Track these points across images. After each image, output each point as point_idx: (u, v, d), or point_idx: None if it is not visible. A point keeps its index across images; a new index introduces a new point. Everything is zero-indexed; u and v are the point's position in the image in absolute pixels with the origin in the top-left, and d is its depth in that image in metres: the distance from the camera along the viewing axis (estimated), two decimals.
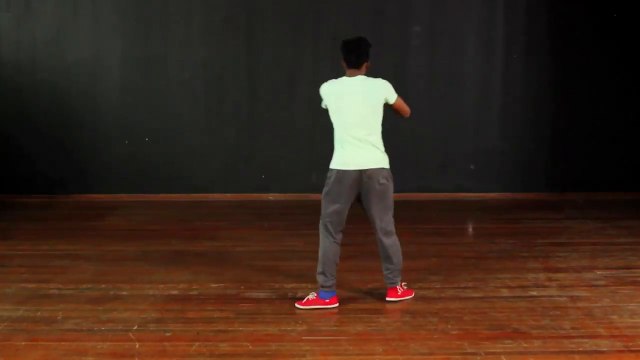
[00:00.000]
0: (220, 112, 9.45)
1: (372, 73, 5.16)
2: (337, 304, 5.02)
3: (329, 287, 5.01)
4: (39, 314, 4.89)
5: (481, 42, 9.43)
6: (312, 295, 5.04)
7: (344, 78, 5.02)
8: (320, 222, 5.04)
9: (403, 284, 5.22)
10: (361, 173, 4.90)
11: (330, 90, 5.01)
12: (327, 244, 5.00)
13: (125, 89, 9.34)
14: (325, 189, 5.02)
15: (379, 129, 5.00)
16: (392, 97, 5.04)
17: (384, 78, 5.18)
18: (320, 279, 5.02)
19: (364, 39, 5.06)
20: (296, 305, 5.01)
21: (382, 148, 5.00)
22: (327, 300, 5.01)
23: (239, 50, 9.32)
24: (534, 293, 5.37)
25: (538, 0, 9.38)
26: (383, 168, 4.95)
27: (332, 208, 4.96)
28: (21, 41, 9.21)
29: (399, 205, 5.33)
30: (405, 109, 5.16)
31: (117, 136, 9.36)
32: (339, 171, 4.94)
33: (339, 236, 5.03)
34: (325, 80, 5.15)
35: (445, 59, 9.43)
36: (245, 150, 9.46)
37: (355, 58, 4.99)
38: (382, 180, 4.93)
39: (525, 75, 9.46)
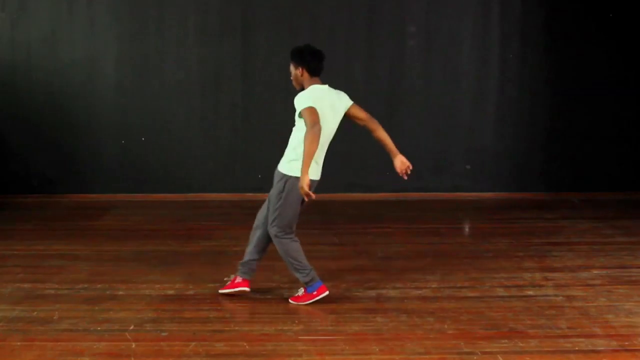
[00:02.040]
0: (216, 111, 9.44)
1: (368, 72, 5.18)
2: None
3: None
4: (34, 314, 4.89)
5: (477, 41, 9.43)
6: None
7: (325, 87, 5.09)
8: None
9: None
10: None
11: (322, 97, 5.01)
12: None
13: (120, 89, 9.33)
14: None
15: None
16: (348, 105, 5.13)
17: (380, 78, 5.24)
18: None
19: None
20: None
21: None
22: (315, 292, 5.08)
23: (234, 50, 9.31)
24: (530, 292, 5.38)
25: (534, 0, 9.39)
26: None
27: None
28: (16, 41, 9.18)
29: (395, 205, 5.35)
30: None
31: (112, 136, 9.34)
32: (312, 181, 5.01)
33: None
34: (321, 79, 5.18)
35: (441, 58, 9.44)
36: (241, 150, 9.45)
37: (322, 66, 5.15)
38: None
39: (521, 74, 9.47)
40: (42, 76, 9.22)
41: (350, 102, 5.11)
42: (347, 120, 5.22)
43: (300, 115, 4.98)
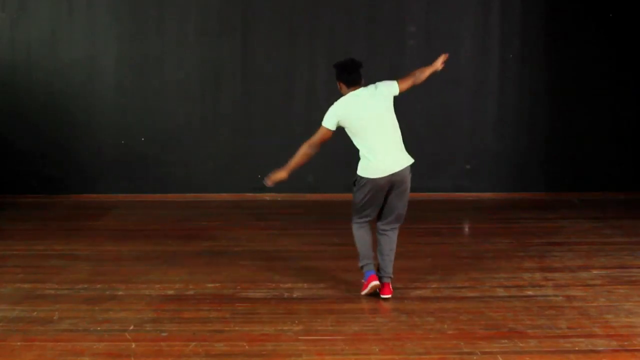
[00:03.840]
0: (216, 111, 9.44)
1: (369, 72, 5.21)
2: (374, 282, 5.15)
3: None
4: (35, 314, 4.89)
5: (477, 41, 9.43)
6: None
7: (356, 92, 5.22)
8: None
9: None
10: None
11: (348, 108, 5.17)
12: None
13: (120, 89, 9.33)
14: None
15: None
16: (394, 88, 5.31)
17: (380, 79, 5.26)
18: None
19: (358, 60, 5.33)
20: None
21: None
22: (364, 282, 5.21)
23: (234, 50, 9.31)
24: (530, 293, 5.38)
25: (534, 0, 9.39)
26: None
27: None
28: (16, 41, 9.18)
29: None
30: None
31: (112, 136, 9.34)
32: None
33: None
34: (322, 79, 5.19)
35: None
36: (241, 150, 9.45)
37: (355, 76, 5.23)
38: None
39: (521, 74, 9.46)
40: (42, 76, 9.22)
41: (395, 86, 5.31)
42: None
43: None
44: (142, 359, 4.15)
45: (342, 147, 8.82)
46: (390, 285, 5.22)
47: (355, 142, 5.23)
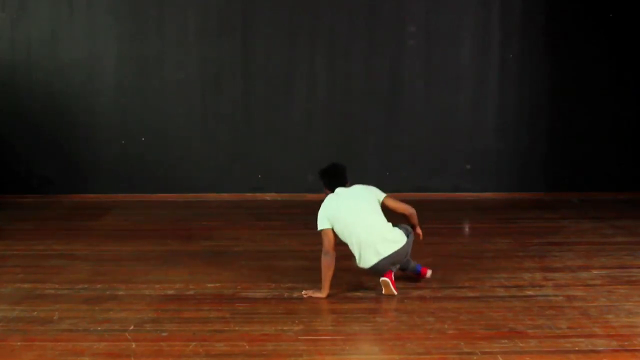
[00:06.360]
0: (216, 112, 9.44)
1: (369, 72, 5.19)
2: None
3: None
4: (35, 314, 4.89)
5: (477, 41, 9.44)
6: None
7: (337, 192, 5.44)
8: None
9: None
10: None
11: (335, 207, 5.32)
12: None
13: (120, 89, 9.33)
14: None
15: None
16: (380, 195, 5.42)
17: (380, 79, 5.26)
18: None
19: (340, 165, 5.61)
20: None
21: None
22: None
23: (235, 50, 9.32)
24: (530, 292, 5.38)
25: (534, 0, 9.39)
26: None
27: None
28: (16, 41, 9.19)
29: None
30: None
31: (112, 136, 9.35)
32: None
33: None
34: (322, 79, 5.18)
35: (441, 58, 9.44)
36: (241, 150, 9.46)
37: (336, 181, 5.49)
38: None
39: (521, 74, 9.48)
40: (42, 76, 9.22)
41: (381, 194, 5.40)
42: (341, 119, 5.29)
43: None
44: (142, 359, 4.15)
45: (341, 148, 8.90)
46: (392, 274, 5.27)
47: (343, 239, 5.30)
